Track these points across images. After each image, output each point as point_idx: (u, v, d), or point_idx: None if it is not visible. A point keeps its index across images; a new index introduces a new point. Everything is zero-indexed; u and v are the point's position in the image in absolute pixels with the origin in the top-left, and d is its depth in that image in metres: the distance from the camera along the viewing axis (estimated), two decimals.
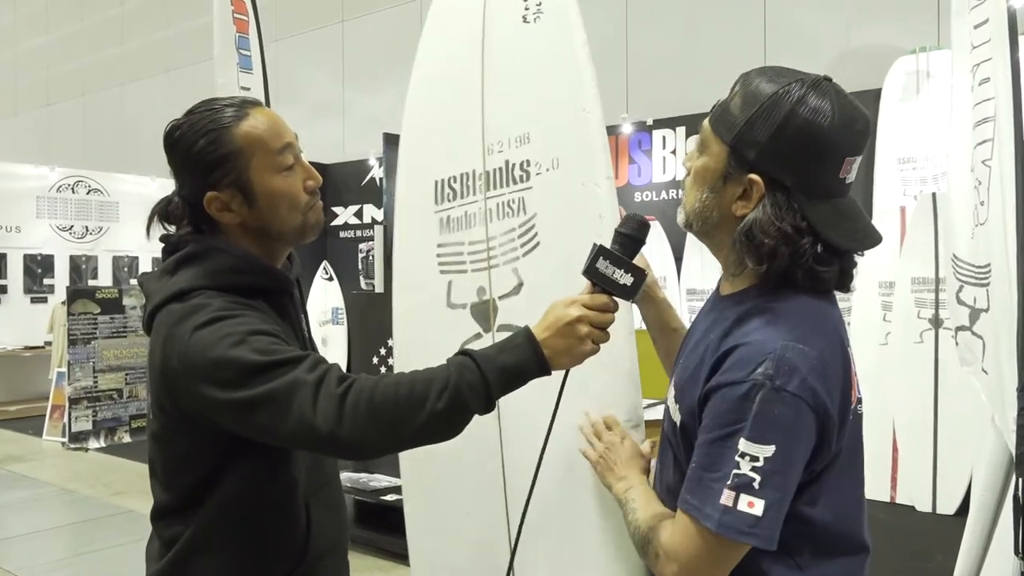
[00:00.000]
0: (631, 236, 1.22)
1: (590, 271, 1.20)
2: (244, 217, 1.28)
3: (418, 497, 1.88)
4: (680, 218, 1.24)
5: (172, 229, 1.30)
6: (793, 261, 1.09)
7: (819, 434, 1.06)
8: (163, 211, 1.30)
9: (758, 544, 1.03)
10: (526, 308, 1.60)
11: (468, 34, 1.76)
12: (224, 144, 1.24)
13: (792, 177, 1.10)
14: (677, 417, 1.18)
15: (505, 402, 1.26)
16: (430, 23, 1.87)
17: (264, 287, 1.29)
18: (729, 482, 1.03)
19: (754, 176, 1.11)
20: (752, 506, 1.02)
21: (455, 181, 1.76)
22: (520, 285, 1.65)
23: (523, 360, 1.16)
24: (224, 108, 1.27)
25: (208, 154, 1.24)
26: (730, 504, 1.03)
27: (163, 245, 1.30)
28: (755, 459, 1.02)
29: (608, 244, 1.22)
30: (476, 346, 1.65)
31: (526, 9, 1.65)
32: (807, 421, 1.04)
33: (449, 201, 1.77)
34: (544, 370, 1.17)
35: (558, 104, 1.60)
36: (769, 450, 1.02)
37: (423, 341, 1.83)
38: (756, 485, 1.02)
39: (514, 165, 1.65)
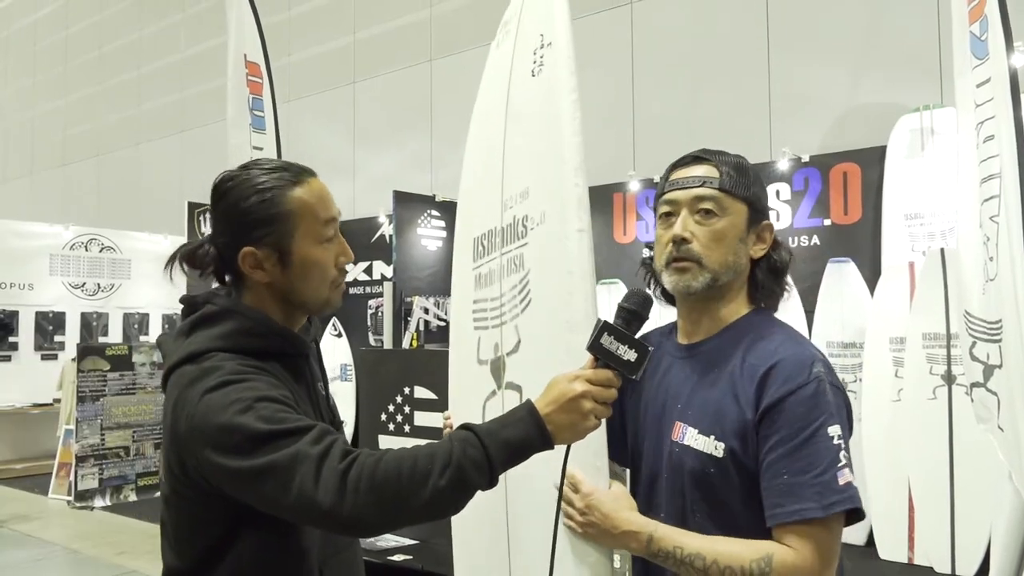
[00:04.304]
0: (635, 312, 1.22)
1: (594, 347, 1.19)
2: (274, 278, 1.28)
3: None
4: (699, 281, 1.32)
5: (192, 274, 1.30)
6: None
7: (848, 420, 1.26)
8: (189, 254, 1.29)
9: (861, 508, 1.18)
10: (524, 366, 1.58)
11: (498, 93, 1.76)
12: (276, 204, 1.25)
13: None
14: (719, 447, 1.25)
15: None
16: (482, 86, 1.91)
17: (279, 350, 1.29)
18: (840, 463, 1.17)
19: (767, 221, 1.39)
20: (853, 478, 1.19)
21: (485, 238, 1.79)
22: (519, 342, 1.62)
23: (526, 435, 1.14)
24: (281, 170, 1.29)
25: (258, 211, 1.25)
26: (848, 480, 1.17)
27: (182, 305, 1.31)
28: (841, 438, 1.19)
29: (612, 319, 1.21)
30: (491, 404, 1.64)
31: (534, 63, 1.59)
32: (848, 407, 1.26)
33: (481, 258, 1.80)
34: (547, 444, 1.16)
35: (549, 158, 1.51)
36: (841, 431, 1.20)
37: (461, 396, 1.91)
38: (847, 460, 1.19)
39: (519, 220, 1.62)
